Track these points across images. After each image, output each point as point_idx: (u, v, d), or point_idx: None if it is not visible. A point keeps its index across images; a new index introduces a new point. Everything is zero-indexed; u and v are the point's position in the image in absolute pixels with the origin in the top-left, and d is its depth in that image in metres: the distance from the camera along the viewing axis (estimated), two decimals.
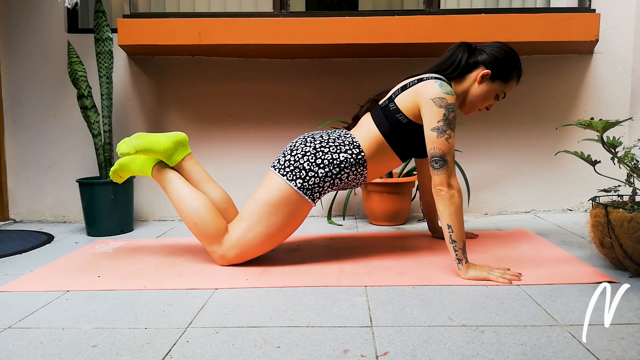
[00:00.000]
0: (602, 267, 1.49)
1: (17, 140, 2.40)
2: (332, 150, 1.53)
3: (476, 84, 1.56)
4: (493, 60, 1.54)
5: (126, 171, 1.71)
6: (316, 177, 1.51)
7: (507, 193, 2.42)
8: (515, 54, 1.57)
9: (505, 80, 1.56)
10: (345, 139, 1.56)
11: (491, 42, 1.59)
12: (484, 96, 1.58)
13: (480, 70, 1.55)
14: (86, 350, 1.01)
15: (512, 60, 1.55)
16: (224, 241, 1.55)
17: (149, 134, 1.63)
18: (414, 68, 2.37)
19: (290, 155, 1.54)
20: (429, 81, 1.50)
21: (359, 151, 1.54)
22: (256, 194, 1.55)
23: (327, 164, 1.52)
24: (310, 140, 1.57)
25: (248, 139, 2.40)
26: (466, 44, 1.60)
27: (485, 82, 1.56)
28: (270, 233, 1.53)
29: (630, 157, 1.47)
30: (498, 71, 1.54)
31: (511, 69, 1.56)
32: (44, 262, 1.68)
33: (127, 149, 1.59)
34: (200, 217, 1.54)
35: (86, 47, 2.33)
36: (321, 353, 0.98)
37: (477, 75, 1.55)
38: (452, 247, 1.40)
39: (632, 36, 2.33)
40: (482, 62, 1.55)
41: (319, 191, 1.53)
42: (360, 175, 1.57)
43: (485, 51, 1.56)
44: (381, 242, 1.88)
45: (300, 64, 2.37)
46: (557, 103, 2.38)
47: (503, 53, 1.55)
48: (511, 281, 1.36)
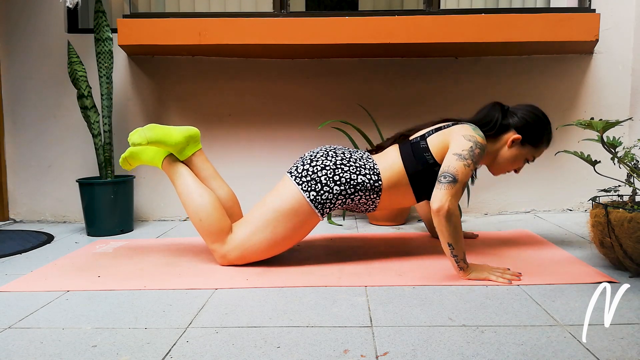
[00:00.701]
0: (602, 267, 1.49)
1: (17, 140, 2.40)
2: (351, 169, 1.52)
3: (506, 147, 1.57)
4: (524, 125, 1.55)
5: (136, 160, 1.70)
6: (330, 192, 1.50)
7: (507, 193, 2.42)
8: (546, 119, 1.58)
9: (535, 145, 1.57)
10: (367, 163, 1.54)
11: (523, 105, 1.60)
12: (514, 159, 1.59)
13: (512, 134, 1.56)
14: (86, 350, 1.01)
15: (543, 125, 1.57)
16: (227, 241, 1.54)
17: (162, 126, 1.61)
18: (413, 68, 2.37)
19: (309, 165, 1.53)
20: (465, 125, 1.51)
21: (377, 178, 1.52)
22: (267, 199, 1.54)
23: (343, 182, 1.50)
24: (332, 155, 1.55)
25: (248, 139, 2.40)
26: (499, 104, 1.60)
27: (516, 146, 1.57)
28: (275, 240, 1.52)
29: (630, 157, 1.47)
30: (529, 136, 1.56)
31: (542, 134, 1.57)
32: (44, 262, 1.68)
33: (139, 140, 1.57)
34: (206, 214, 1.53)
35: (86, 47, 2.33)
36: (321, 353, 0.98)
37: (509, 139, 1.56)
38: (454, 260, 1.39)
39: (632, 36, 2.33)
40: (514, 125, 1.56)
41: (329, 206, 1.52)
42: (372, 202, 1.55)
43: (517, 115, 1.57)
44: (381, 242, 1.88)
45: (300, 64, 2.37)
46: (557, 103, 2.38)
47: (534, 118, 1.56)
48: (511, 281, 1.36)
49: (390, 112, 2.38)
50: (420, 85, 2.38)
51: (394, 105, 2.38)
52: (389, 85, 2.38)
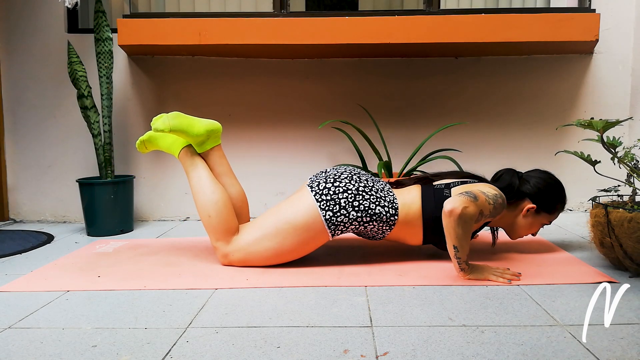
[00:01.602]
0: (602, 267, 1.49)
1: (17, 140, 2.40)
2: (372, 199, 1.51)
3: (521, 216, 1.59)
4: (537, 193, 1.57)
5: (154, 144, 1.69)
6: (347, 217, 1.50)
7: None
8: (559, 185, 1.60)
9: (549, 212, 1.59)
10: (387, 196, 1.54)
11: (536, 173, 1.61)
12: (529, 226, 1.61)
13: (527, 203, 1.58)
14: (86, 350, 1.01)
15: (556, 193, 1.59)
16: (233, 241, 1.54)
17: (186, 116, 1.59)
18: (413, 68, 2.37)
19: (331, 184, 1.52)
20: (489, 184, 1.52)
21: (394, 212, 1.52)
22: (281, 207, 1.54)
23: (362, 209, 1.50)
24: (356, 180, 1.54)
25: (248, 139, 2.40)
26: (515, 172, 1.62)
27: (531, 215, 1.59)
28: (281, 251, 1.52)
29: (630, 157, 1.47)
30: (543, 204, 1.57)
31: (555, 202, 1.59)
32: (44, 262, 1.68)
33: (162, 126, 1.56)
34: (217, 211, 1.53)
35: (86, 47, 2.33)
36: (321, 353, 0.98)
37: (524, 209, 1.57)
38: (457, 262, 1.39)
39: (632, 36, 2.33)
40: (528, 194, 1.57)
41: (342, 229, 1.52)
42: (382, 232, 1.56)
43: (530, 182, 1.58)
44: (381, 242, 1.88)
45: (300, 64, 2.37)
46: (557, 103, 2.38)
47: (546, 186, 1.58)
48: (511, 281, 1.36)
49: (390, 112, 2.38)
50: (420, 85, 2.38)
51: (394, 105, 2.38)
52: (389, 85, 2.38)
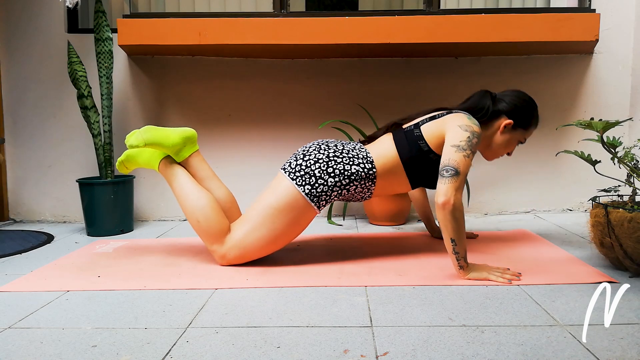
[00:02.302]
0: (602, 267, 1.49)
1: (17, 140, 2.40)
2: (344, 161, 1.53)
3: (499, 133, 1.60)
4: (513, 109, 1.58)
5: (133, 163, 1.70)
6: (325, 185, 1.51)
7: (507, 193, 2.42)
8: (533, 102, 1.62)
9: (525, 127, 1.61)
10: (360, 152, 1.56)
11: (509, 91, 1.63)
12: (507, 144, 1.62)
13: (503, 120, 1.59)
14: (86, 350, 1.01)
15: (531, 108, 1.60)
16: (226, 241, 1.55)
17: (159, 128, 1.61)
18: (414, 68, 2.37)
19: (302, 160, 1.54)
20: (459, 113, 1.53)
21: (371, 166, 1.54)
22: (262, 196, 1.55)
23: (337, 173, 1.51)
24: (324, 148, 1.56)
25: (248, 139, 2.40)
26: (488, 92, 1.63)
27: (508, 131, 1.60)
28: (273, 236, 1.52)
29: (630, 157, 1.47)
30: (519, 120, 1.59)
31: (530, 117, 1.60)
32: (44, 262, 1.68)
33: (136, 142, 1.58)
34: (204, 215, 1.54)
35: (86, 47, 2.33)
36: (321, 353, 0.98)
37: (500, 125, 1.59)
38: (455, 257, 1.39)
39: (632, 36, 2.33)
40: (504, 111, 1.59)
41: (325, 199, 1.53)
42: (367, 190, 1.57)
43: (505, 100, 1.60)
44: (381, 242, 1.88)
45: (300, 64, 2.37)
46: (557, 103, 2.38)
47: (522, 102, 1.59)
48: (511, 281, 1.36)
49: (390, 112, 2.38)
50: (420, 85, 2.38)
51: (394, 105, 2.38)
52: (389, 85, 2.38)
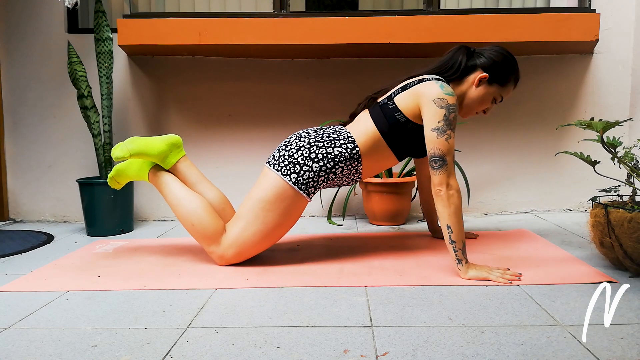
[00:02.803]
0: (602, 267, 1.49)
1: (17, 140, 2.40)
2: (326, 144, 1.53)
3: (474, 87, 1.57)
4: (491, 64, 1.55)
5: (123, 177, 1.71)
6: (310, 171, 1.51)
7: (507, 193, 2.42)
8: (513, 58, 1.57)
9: (502, 84, 1.57)
10: (340, 134, 1.56)
11: (490, 47, 1.59)
12: (481, 99, 1.58)
13: (478, 73, 1.56)
14: (86, 350, 1.01)
15: (510, 64, 1.56)
16: (222, 241, 1.55)
17: (142, 138, 1.64)
18: (414, 68, 2.37)
19: (284, 151, 1.54)
20: (430, 82, 1.50)
21: (353, 146, 1.54)
22: (252, 191, 1.56)
23: (321, 158, 1.52)
24: (305, 135, 1.57)
25: (248, 139, 2.40)
26: (465, 47, 1.60)
27: (483, 85, 1.56)
28: (268, 230, 1.53)
29: (630, 157, 1.47)
30: (495, 75, 1.55)
31: (508, 73, 1.56)
32: (44, 262, 1.68)
33: (122, 153, 1.60)
34: (198, 218, 1.54)
35: (86, 47, 2.33)
36: (321, 353, 0.98)
37: (475, 79, 1.56)
38: (452, 248, 1.40)
39: (632, 36, 2.33)
40: (480, 65, 1.56)
41: (313, 186, 1.53)
42: (355, 170, 1.57)
43: (483, 55, 1.57)
44: (381, 242, 1.88)
45: (300, 64, 2.37)
46: (557, 103, 2.38)
47: (501, 57, 1.55)
48: (511, 281, 1.36)
49: None
50: None
51: None
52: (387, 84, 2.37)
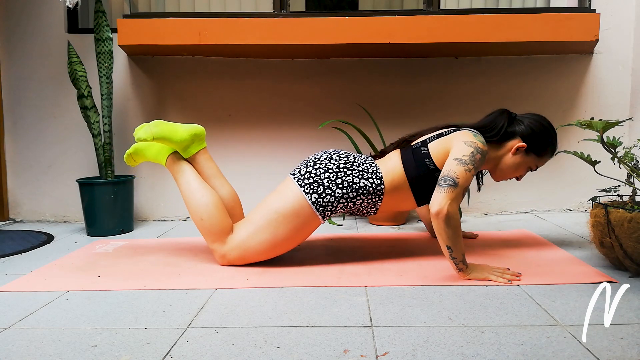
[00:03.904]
0: (602, 267, 1.49)
1: (17, 140, 2.40)
2: (354, 174, 1.52)
3: (510, 154, 1.57)
4: (530, 134, 1.55)
5: (141, 156, 1.70)
6: (332, 196, 1.50)
7: (507, 193, 2.42)
8: (552, 129, 1.58)
9: (539, 154, 1.58)
10: (370, 167, 1.55)
11: (530, 115, 1.60)
12: (517, 167, 1.59)
13: (517, 141, 1.56)
14: (86, 350, 1.01)
15: (549, 136, 1.57)
16: (228, 241, 1.54)
17: (168, 123, 1.61)
18: (414, 68, 2.37)
19: (312, 168, 1.53)
20: (466, 131, 1.51)
21: (379, 182, 1.53)
22: (269, 199, 1.55)
23: (346, 185, 1.50)
24: (336, 159, 1.55)
25: (248, 139, 2.40)
26: (507, 112, 1.60)
27: (520, 154, 1.57)
28: (275, 241, 1.52)
29: (630, 157, 1.47)
30: (533, 145, 1.56)
31: (546, 145, 1.57)
32: (44, 262, 1.68)
33: (145, 135, 1.58)
34: (208, 213, 1.53)
35: (86, 47, 2.33)
36: (321, 353, 0.98)
37: (513, 147, 1.56)
38: (453, 262, 1.39)
39: (632, 36, 2.33)
40: (520, 133, 1.56)
41: (330, 209, 1.52)
42: (374, 205, 1.56)
43: (523, 123, 1.57)
44: (381, 242, 1.88)
45: (300, 64, 2.37)
46: (557, 103, 2.38)
47: (540, 127, 1.56)
48: (511, 281, 1.36)
49: (390, 112, 2.38)
50: (420, 85, 2.37)
51: (394, 105, 2.38)
52: (389, 85, 2.38)
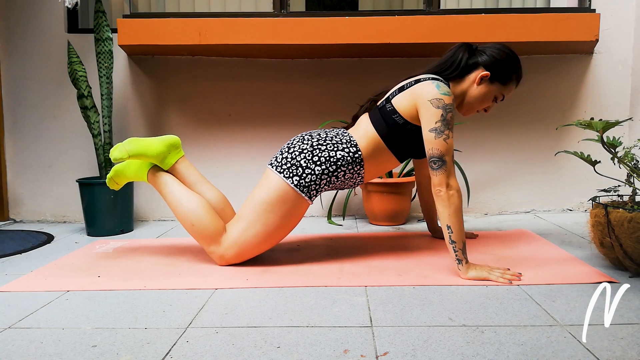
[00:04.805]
0: (602, 267, 1.49)
1: (17, 140, 2.40)
2: (329, 147, 1.53)
3: (475, 85, 1.55)
4: (493, 62, 1.53)
5: (122, 177, 1.71)
6: (313, 174, 1.51)
7: (507, 193, 2.42)
8: (516, 57, 1.56)
9: (504, 82, 1.55)
10: (343, 138, 1.56)
11: (492, 44, 1.58)
12: (482, 98, 1.57)
13: (480, 71, 1.54)
14: (86, 350, 1.01)
15: (512, 62, 1.55)
16: (223, 241, 1.55)
17: (141, 139, 1.63)
18: (414, 68, 2.37)
19: (287, 153, 1.54)
20: (426, 82, 1.49)
21: (355, 150, 1.54)
22: (254, 193, 1.56)
23: (323, 161, 1.52)
24: (308, 138, 1.57)
25: (248, 139, 2.40)
26: (467, 45, 1.58)
27: (484, 83, 1.55)
28: (269, 232, 1.53)
29: (630, 157, 1.47)
30: (497, 73, 1.54)
31: (511, 72, 1.55)
32: (44, 262, 1.68)
33: (120, 154, 1.60)
34: (197, 218, 1.54)
35: (86, 47, 2.33)
36: (321, 353, 0.98)
37: (476, 77, 1.54)
38: (452, 248, 1.40)
39: (632, 36, 2.33)
40: (482, 63, 1.54)
41: (315, 189, 1.53)
42: (357, 174, 1.57)
43: (485, 52, 1.55)
44: (381, 242, 1.88)
45: (300, 64, 2.37)
46: (557, 103, 2.38)
47: (503, 55, 1.54)
48: (511, 281, 1.36)
49: None
50: None
51: None
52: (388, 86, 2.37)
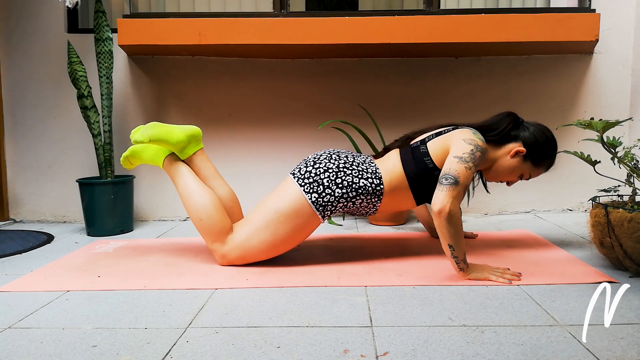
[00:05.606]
0: (602, 267, 1.49)
1: (17, 140, 2.40)
2: (354, 173, 1.52)
3: (508, 157, 1.56)
4: (533, 142, 1.54)
5: (137, 159, 1.70)
6: (332, 195, 1.50)
7: (507, 193, 2.42)
8: (555, 144, 1.57)
9: (535, 163, 1.57)
10: (369, 167, 1.55)
11: (538, 124, 1.59)
12: (511, 170, 1.57)
13: (517, 145, 1.55)
14: (86, 350, 1.01)
15: (550, 148, 1.56)
16: (227, 241, 1.55)
17: (164, 125, 1.61)
18: (414, 68, 2.37)
19: (312, 168, 1.54)
20: (465, 129, 1.50)
21: (378, 182, 1.53)
22: (268, 199, 1.55)
23: (345, 185, 1.51)
24: (335, 158, 1.55)
25: (248, 139, 2.40)
26: (514, 115, 1.59)
27: (518, 158, 1.56)
28: (276, 242, 1.52)
29: (630, 157, 1.47)
30: (533, 153, 1.55)
31: (545, 156, 1.56)
32: (44, 262, 1.68)
33: (141, 137, 1.57)
34: (207, 214, 1.53)
35: (86, 47, 2.33)
36: (321, 353, 0.98)
37: (512, 149, 1.55)
38: (454, 261, 1.39)
39: (632, 36, 2.33)
40: (522, 138, 1.55)
41: (330, 209, 1.52)
42: (373, 205, 1.56)
43: (529, 129, 1.56)
44: (381, 242, 1.88)
45: (300, 64, 2.37)
46: (557, 103, 2.38)
47: (544, 138, 1.55)
48: (511, 281, 1.36)
49: (390, 112, 2.38)
50: (420, 85, 2.37)
51: (394, 105, 2.38)
52: (389, 85, 2.38)
